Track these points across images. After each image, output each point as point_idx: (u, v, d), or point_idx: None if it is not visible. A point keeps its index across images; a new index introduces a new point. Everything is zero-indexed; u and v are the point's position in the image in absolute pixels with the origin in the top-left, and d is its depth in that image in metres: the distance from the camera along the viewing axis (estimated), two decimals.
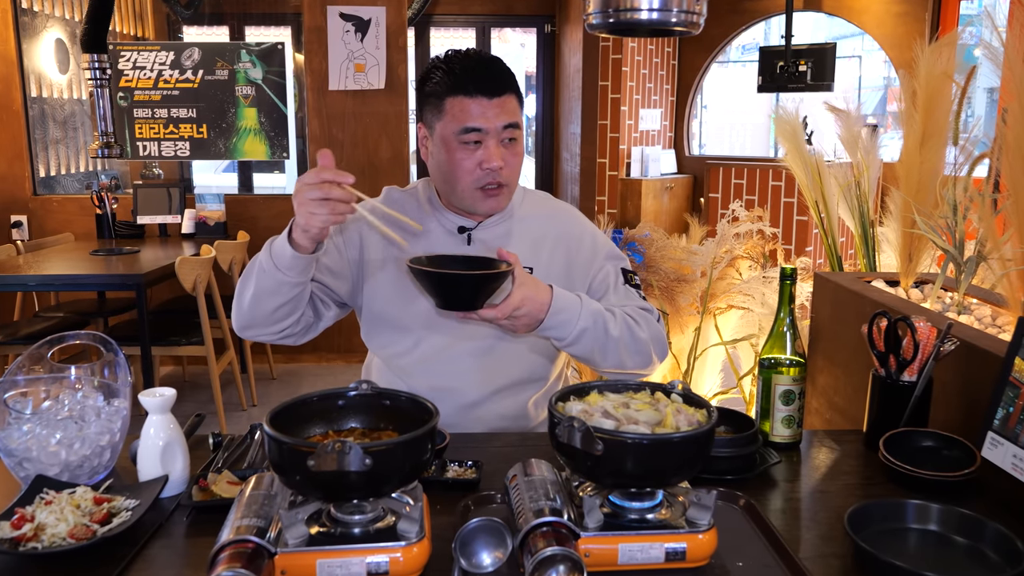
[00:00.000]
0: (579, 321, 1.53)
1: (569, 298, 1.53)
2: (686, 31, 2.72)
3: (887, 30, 6.40)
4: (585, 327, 1.53)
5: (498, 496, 1.29)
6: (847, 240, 5.19)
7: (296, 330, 1.65)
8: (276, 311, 1.57)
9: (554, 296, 1.50)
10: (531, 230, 1.73)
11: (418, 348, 1.72)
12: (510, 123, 1.59)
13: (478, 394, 1.72)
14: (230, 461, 1.46)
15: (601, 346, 1.57)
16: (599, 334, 1.56)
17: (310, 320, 1.68)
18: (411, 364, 1.73)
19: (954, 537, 1.20)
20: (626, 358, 1.61)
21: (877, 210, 2.81)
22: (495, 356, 1.71)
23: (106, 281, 4.11)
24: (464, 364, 1.71)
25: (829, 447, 1.60)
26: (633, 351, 1.61)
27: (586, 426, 1.08)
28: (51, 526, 1.17)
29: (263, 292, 1.55)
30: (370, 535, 1.07)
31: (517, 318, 1.45)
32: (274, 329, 1.62)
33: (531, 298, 1.45)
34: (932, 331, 1.52)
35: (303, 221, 1.41)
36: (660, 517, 1.13)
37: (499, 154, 1.59)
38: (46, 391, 1.42)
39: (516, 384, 1.75)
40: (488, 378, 1.72)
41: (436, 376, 1.71)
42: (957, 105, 2.18)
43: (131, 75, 5.15)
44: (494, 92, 1.57)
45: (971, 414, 1.50)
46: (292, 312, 1.59)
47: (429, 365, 1.72)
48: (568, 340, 1.54)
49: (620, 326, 1.59)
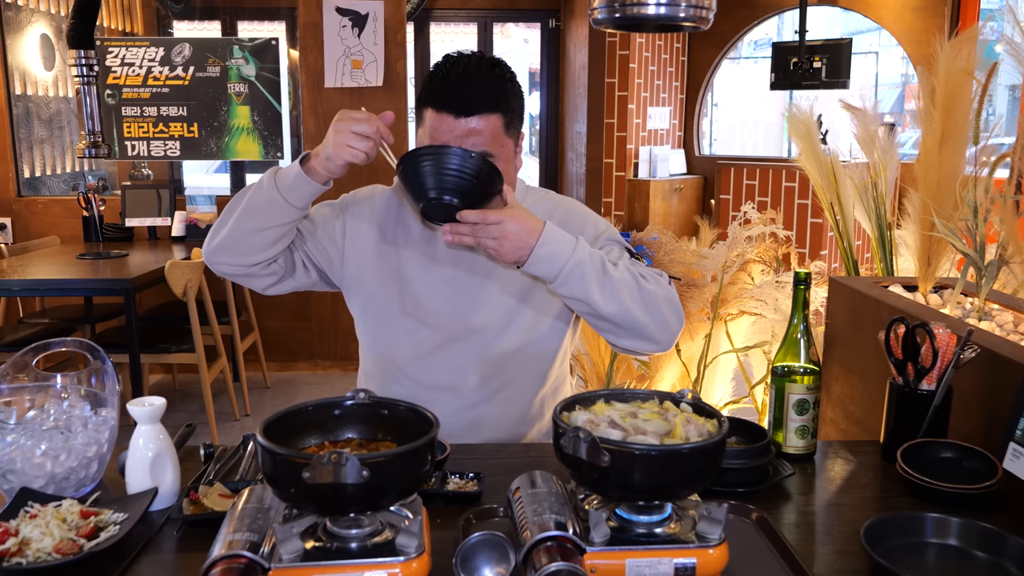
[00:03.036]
0: (573, 254, 1.46)
1: (563, 233, 1.48)
2: (695, 26, 2.73)
3: (905, 25, 6.40)
4: (580, 259, 1.46)
5: (500, 509, 1.29)
6: (863, 243, 5.19)
7: (264, 271, 1.66)
8: (255, 235, 1.58)
9: (547, 227, 1.46)
10: None
11: (415, 343, 1.73)
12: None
13: (478, 394, 1.73)
14: (222, 473, 1.46)
15: (599, 284, 1.48)
16: (596, 270, 1.48)
17: (280, 270, 1.68)
18: (407, 361, 1.74)
19: (975, 552, 1.20)
20: (632, 306, 1.51)
21: (894, 212, 2.81)
22: (496, 353, 1.72)
23: (93, 286, 4.12)
24: (464, 362, 1.72)
25: (845, 458, 1.60)
26: (639, 301, 1.52)
27: (592, 437, 1.08)
28: (36, 541, 1.17)
29: (251, 210, 1.56)
30: (367, 550, 1.07)
31: (504, 236, 1.41)
32: (243, 260, 1.62)
33: (522, 218, 1.42)
34: (952, 338, 1.52)
35: (333, 150, 1.46)
36: (669, 531, 1.13)
37: None
38: (31, 400, 1.42)
39: (518, 383, 1.75)
40: (489, 376, 1.73)
41: (434, 374, 1.72)
42: (977, 103, 2.18)
43: (119, 72, 5.17)
44: (461, 112, 1.54)
45: (992, 424, 1.50)
46: (270, 245, 1.60)
47: (426, 362, 1.72)
48: (561, 275, 1.46)
49: (622, 272, 1.52)
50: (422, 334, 1.72)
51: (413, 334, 1.73)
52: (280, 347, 5.30)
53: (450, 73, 1.56)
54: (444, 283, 1.72)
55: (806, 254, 6.00)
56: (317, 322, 5.31)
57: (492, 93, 1.56)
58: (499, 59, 1.63)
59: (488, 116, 1.56)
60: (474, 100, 1.54)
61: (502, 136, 1.59)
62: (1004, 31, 1.92)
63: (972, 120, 2.17)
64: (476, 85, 1.55)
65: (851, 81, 6.14)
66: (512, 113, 1.61)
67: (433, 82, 1.57)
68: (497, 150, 1.58)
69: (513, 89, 1.61)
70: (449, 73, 1.56)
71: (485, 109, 1.55)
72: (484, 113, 1.55)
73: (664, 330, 1.56)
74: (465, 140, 1.54)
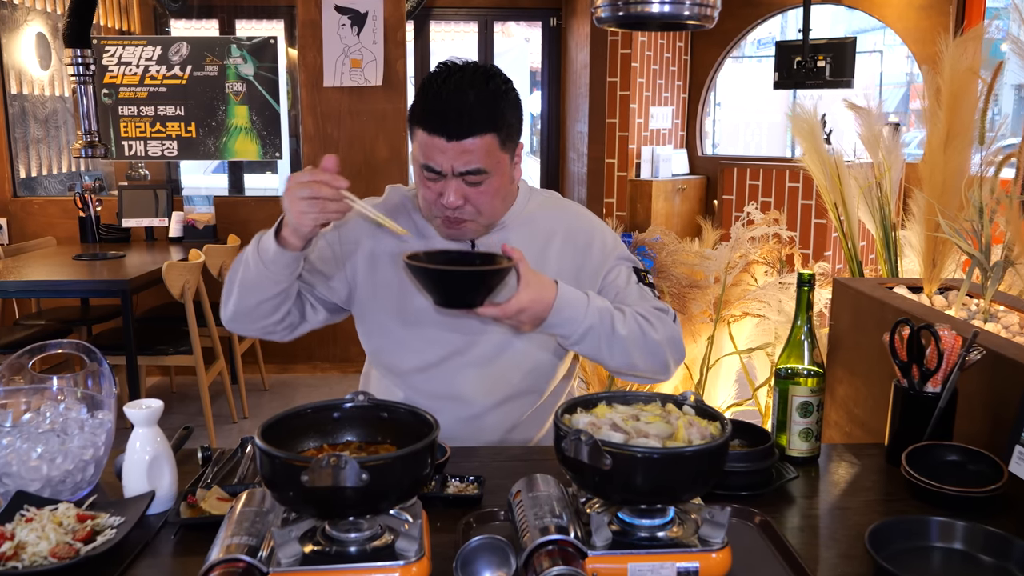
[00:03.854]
0: (585, 319, 1.53)
1: (575, 295, 1.53)
2: (699, 24, 2.73)
3: (910, 24, 6.41)
4: (591, 324, 1.54)
5: (501, 513, 1.29)
6: (868, 244, 5.19)
7: (279, 328, 1.69)
8: (259, 306, 1.61)
9: (559, 293, 1.50)
10: (538, 229, 1.73)
11: (417, 353, 1.72)
12: (469, 170, 1.53)
13: (481, 404, 1.73)
14: (220, 476, 1.46)
15: (608, 344, 1.57)
16: (606, 331, 1.56)
17: (295, 320, 1.71)
18: (410, 371, 1.74)
19: (980, 556, 1.20)
20: (637, 359, 1.61)
21: (899, 213, 2.81)
22: (499, 363, 1.72)
23: (90, 287, 4.12)
24: (466, 372, 1.71)
25: (849, 461, 1.60)
26: (644, 352, 1.61)
27: (594, 439, 1.08)
28: (32, 544, 1.18)
29: (247, 285, 1.59)
30: (367, 554, 1.08)
31: (522, 321, 1.48)
32: (257, 325, 1.66)
33: (536, 299, 1.46)
34: (957, 340, 1.52)
35: (294, 220, 1.45)
36: (671, 535, 1.14)
37: (459, 193, 1.55)
38: (27, 403, 1.43)
39: (520, 393, 1.75)
40: (491, 387, 1.72)
41: (436, 384, 1.72)
42: (983, 102, 2.18)
43: (116, 71, 5.17)
44: (453, 135, 1.50)
45: (998, 427, 1.50)
46: (275, 310, 1.62)
47: (429, 373, 1.72)
48: (573, 338, 1.55)
49: (629, 325, 1.59)
50: (425, 344, 1.72)
51: (417, 345, 1.72)
52: (278, 349, 5.29)
53: (442, 89, 1.51)
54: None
55: (810, 255, 6.00)
56: None
57: (486, 111, 1.52)
58: (494, 70, 1.58)
59: (482, 137, 1.52)
60: (467, 123, 1.50)
61: (497, 153, 1.55)
62: (1010, 30, 1.92)
63: (978, 120, 2.18)
64: (469, 104, 1.50)
65: (855, 80, 6.14)
66: (508, 128, 1.57)
67: (425, 98, 1.54)
68: (491, 166, 1.55)
69: (508, 103, 1.56)
70: (441, 89, 1.52)
71: (478, 131, 1.51)
72: (477, 135, 1.51)
73: (663, 371, 1.69)
74: (457, 160, 1.51)
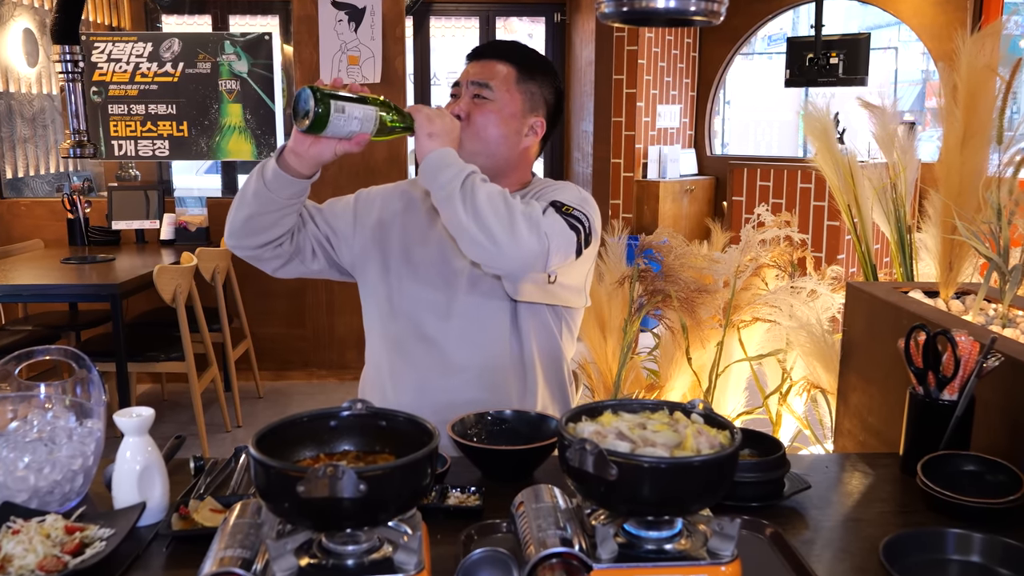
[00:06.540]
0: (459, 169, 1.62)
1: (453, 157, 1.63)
2: (707, 20, 2.73)
3: (926, 19, 6.41)
4: (463, 172, 1.61)
5: (503, 525, 1.29)
6: (882, 247, 5.19)
7: (271, 253, 1.81)
8: (250, 220, 1.73)
9: (444, 151, 1.62)
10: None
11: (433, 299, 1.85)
12: (479, 82, 1.79)
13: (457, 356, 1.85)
14: (213, 487, 1.46)
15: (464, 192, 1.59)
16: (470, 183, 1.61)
17: (287, 252, 1.83)
18: (413, 343, 1.86)
19: (998, 569, 1.20)
20: (487, 214, 1.56)
21: (915, 215, 2.81)
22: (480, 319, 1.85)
23: (78, 291, 4.13)
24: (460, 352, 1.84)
25: (863, 472, 1.60)
26: (496, 213, 1.57)
27: (599, 449, 1.08)
28: (19, 557, 1.18)
29: (243, 198, 1.72)
30: (365, 567, 1.08)
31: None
32: (249, 242, 1.78)
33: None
34: (975, 346, 1.52)
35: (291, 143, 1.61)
36: (679, 548, 1.14)
37: (466, 106, 1.79)
38: (13, 411, 1.43)
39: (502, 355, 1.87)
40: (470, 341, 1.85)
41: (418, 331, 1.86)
42: (1002, 101, 2.18)
43: (105, 68, 5.19)
44: (478, 56, 1.84)
45: (1017, 436, 1.50)
46: (268, 228, 1.74)
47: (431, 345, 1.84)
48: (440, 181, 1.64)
49: (492, 190, 1.60)
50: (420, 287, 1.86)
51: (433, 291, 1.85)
52: (273, 355, 5.31)
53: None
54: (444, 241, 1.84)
55: (822, 258, 6.00)
56: (312, 329, 5.31)
57: (518, 51, 1.84)
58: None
59: (502, 62, 1.81)
60: (493, 48, 1.85)
61: (511, 85, 1.81)
62: None
63: (996, 119, 2.17)
64: (502, 42, 1.87)
65: (869, 78, 6.15)
66: (531, 71, 1.83)
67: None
68: (500, 91, 1.79)
69: (544, 70, 1.86)
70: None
71: (498, 55, 1.82)
72: (498, 59, 1.81)
73: (509, 232, 1.56)
74: (474, 75, 1.80)
